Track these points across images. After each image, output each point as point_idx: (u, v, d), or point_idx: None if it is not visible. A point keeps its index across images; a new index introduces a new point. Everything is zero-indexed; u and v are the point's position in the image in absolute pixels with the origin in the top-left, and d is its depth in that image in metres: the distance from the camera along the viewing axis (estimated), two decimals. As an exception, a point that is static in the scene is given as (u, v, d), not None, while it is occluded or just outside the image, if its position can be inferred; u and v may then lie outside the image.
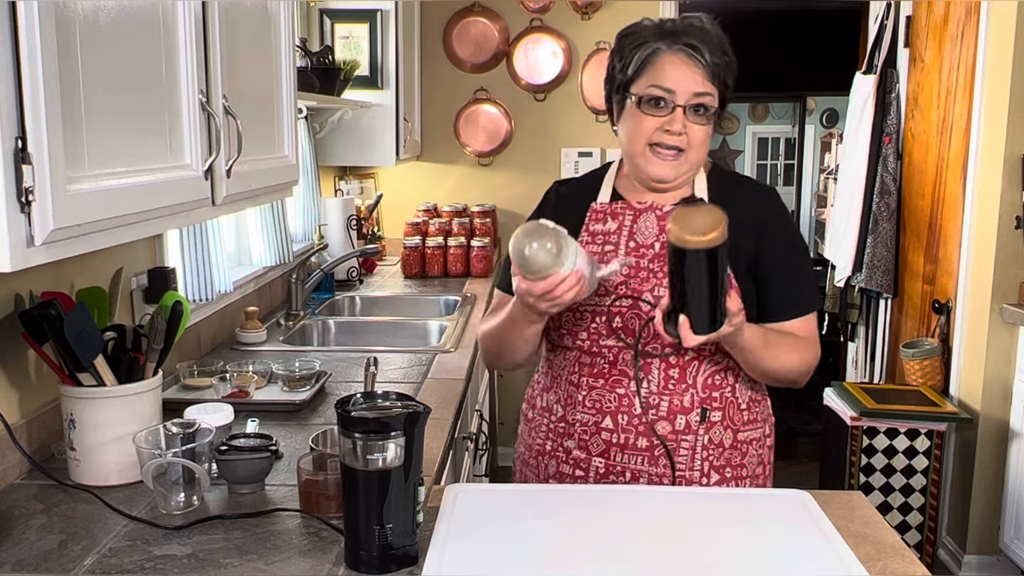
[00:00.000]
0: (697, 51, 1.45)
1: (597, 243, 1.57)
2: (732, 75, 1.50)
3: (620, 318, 1.51)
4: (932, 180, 3.64)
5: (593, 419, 1.54)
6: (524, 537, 1.25)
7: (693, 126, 1.47)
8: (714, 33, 1.48)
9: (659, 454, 1.50)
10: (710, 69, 1.45)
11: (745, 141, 9.90)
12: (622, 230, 1.56)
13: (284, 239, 2.84)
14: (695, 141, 1.48)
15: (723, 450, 1.53)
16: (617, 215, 1.57)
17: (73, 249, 1.06)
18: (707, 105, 1.46)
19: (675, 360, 1.51)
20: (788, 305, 1.53)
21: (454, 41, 4.12)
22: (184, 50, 1.32)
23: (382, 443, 1.13)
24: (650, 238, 1.53)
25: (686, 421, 1.50)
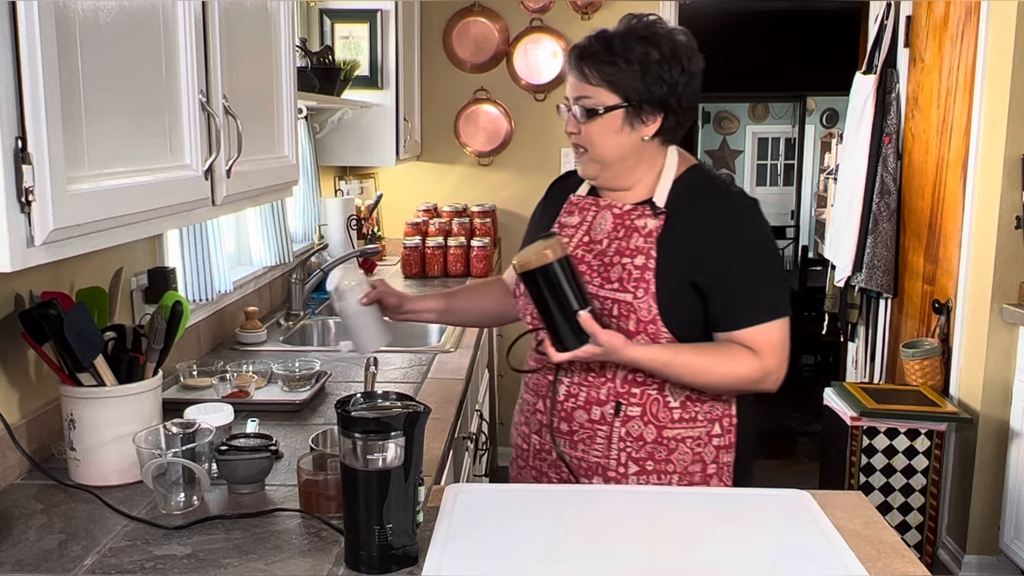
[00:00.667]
0: (569, 59, 1.57)
1: (566, 235, 1.65)
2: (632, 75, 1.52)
3: None
4: (932, 180, 3.64)
5: (532, 400, 1.69)
6: (524, 537, 1.25)
7: (583, 125, 1.56)
8: (610, 38, 1.54)
9: (578, 439, 1.59)
10: (580, 73, 1.54)
11: (745, 141, 9.91)
12: (582, 224, 1.64)
13: (284, 239, 2.84)
14: (589, 138, 1.57)
15: (644, 444, 1.57)
16: (583, 210, 1.66)
17: (73, 249, 1.06)
18: (587, 107, 1.54)
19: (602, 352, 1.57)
20: (735, 316, 1.53)
21: (454, 41, 4.12)
22: (184, 50, 1.32)
23: (382, 443, 1.13)
24: (601, 234, 1.61)
25: (601, 412, 1.58)
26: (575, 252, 1.61)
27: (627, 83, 1.52)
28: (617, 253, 1.57)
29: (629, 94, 1.53)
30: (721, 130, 9.89)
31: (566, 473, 1.62)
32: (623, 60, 1.51)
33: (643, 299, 1.52)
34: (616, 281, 1.54)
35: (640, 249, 1.55)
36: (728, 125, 9.88)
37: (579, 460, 1.60)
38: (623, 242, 1.57)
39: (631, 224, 1.58)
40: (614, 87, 1.53)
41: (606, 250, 1.58)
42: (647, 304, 1.52)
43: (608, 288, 1.55)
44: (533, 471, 1.69)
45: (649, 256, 1.53)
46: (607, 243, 1.59)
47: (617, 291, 1.54)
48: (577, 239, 1.63)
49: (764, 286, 1.54)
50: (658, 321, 1.51)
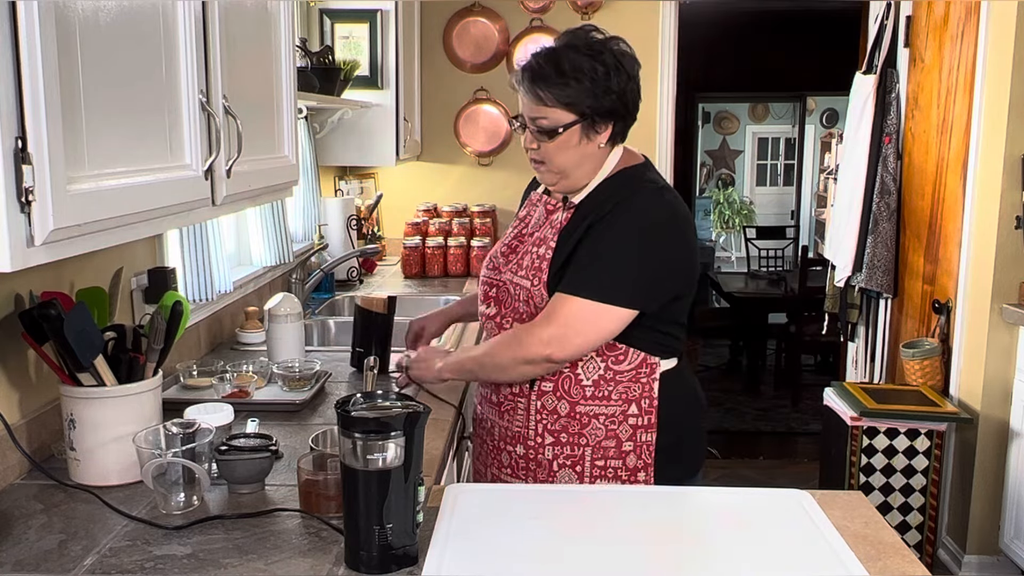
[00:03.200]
0: (520, 81, 1.64)
1: (514, 227, 1.82)
2: (583, 93, 1.60)
3: (495, 289, 1.75)
4: (932, 180, 3.64)
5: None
6: (524, 537, 1.25)
7: (541, 143, 1.65)
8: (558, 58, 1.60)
9: (504, 410, 1.73)
10: (534, 95, 1.62)
11: (745, 141, 9.91)
12: (528, 218, 1.80)
13: (284, 239, 2.84)
14: (548, 154, 1.65)
15: (558, 417, 1.68)
16: (532, 205, 1.81)
17: (73, 249, 1.06)
18: (544, 127, 1.63)
19: None
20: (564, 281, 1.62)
21: (454, 41, 4.12)
22: (184, 50, 1.32)
23: (382, 443, 1.13)
24: (534, 227, 1.76)
25: (520, 386, 1.70)
26: (510, 241, 1.78)
27: (580, 100, 1.60)
28: (533, 243, 1.71)
29: (583, 110, 1.61)
30: (721, 130, 9.89)
31: (496, 442, 1.76)
32: (574, 79, 1.59)
33: (537, 287, 1.66)
34: (524, 269, 1.69)
35: (546, 239, 1.69)
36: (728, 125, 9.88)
37: (504, 429, 1.73)
38: (539, 233, 1.72)
39: (549, 217, 1.73)
40: (568, 106, 1.61)
41: (529, 239, 1.74)
42: (539, 292, 1.65)
43: (519, 275, 1.70)
44: (478, 440, 1.85)
45: (549, 246, 1.67)
46: (533, 235, 1.74)
47: (523, 277, 1.69)
48: (517, 231, 1.79)
49: (599, 265, 1.60)
50: None
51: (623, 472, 1.67)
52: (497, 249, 1.82)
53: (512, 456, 1.72)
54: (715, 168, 9.93)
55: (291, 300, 2.20)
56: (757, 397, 5.78)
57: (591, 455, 1.67)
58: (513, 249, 1.77)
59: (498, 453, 1.75)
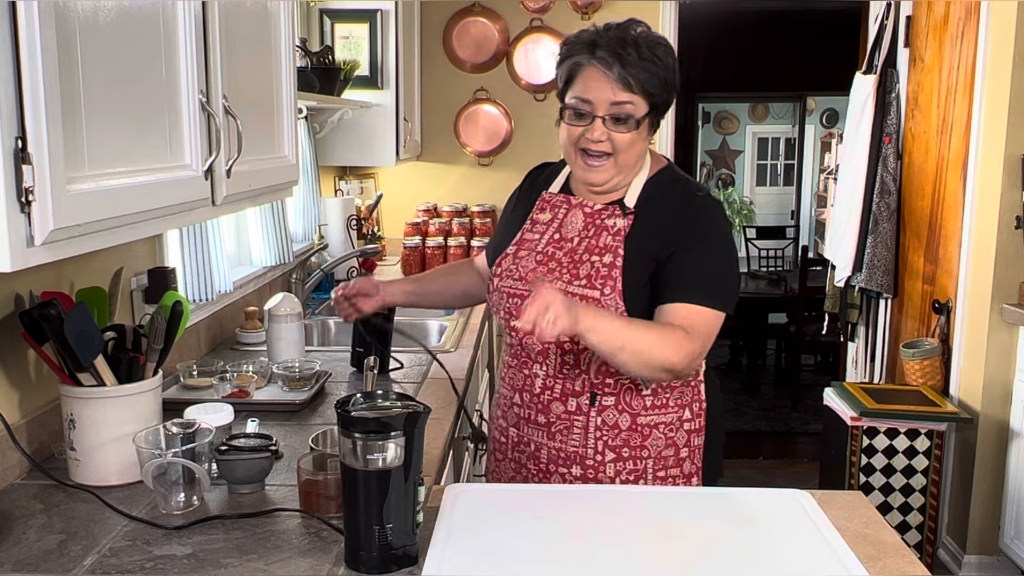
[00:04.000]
0: (607, 65, 1.52)
1: (534, 231, 1.69)
2: (660, 82, 1.54)
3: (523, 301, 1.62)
4: (932, 180, 3.64)
5: (508, 394, 1.71)
6: (524, 537, 1.25)
7: (615, 134, 1.55)
8: (638, 42, 1.52)
9: (556, 430, 1.63)
10: (623, 82, 1.52)
11: (745, 141, 9.90)
12: (554, 222, 1.68)
13: (284, 239, 2.84)
14: (620, 146, 1.56)
15: (619, 431, 1.60)
16: (556, 207, 1.69)
17: (73, 249, 1.06)
18: (626, 114, 1.54)
19: (570, 347, 1.60)
20: (673, 290, 1.54)
21: (454, 41, 4.12)
22: (184, 50, 1.32)
23: (382, 443, 1.13)
24: (572, 232, 1.64)
25: (577, 403, 1.61)
26: (545, 249, 1.65)
27: (656, 89, 1.54)
28: (586, 251, 1.60)
29: (656, 101, 1.55)
30: (721, 130, 9.89)
31: (544, 464, 1.65)
32: (654, 66, 1.53)
33: (610, 296, 1.56)
34: (584, 278, 1.58)
35: (608, 247, 1.58)
36: (728, 125, 9.87)
37: (557, 450, 1.63)
38: (592, 240, 1.61)
39: (601, 223, 1.62)
40: (648, 95, 1.54)
41: (576, 248, 1.62)
42: (614, 301, 1.55)
43: (576, 285, 1.58)
44: (512, 463, 1.72)
45: (616, 254, 1.57)
46: (577, 241, 1.62)
47: (585, 288, 1.57)
48: (548, 236, 1.66)
49: (714, 278, 1.57)
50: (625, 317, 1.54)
51: (680, 480, 1.64)
52: (513, 255, 1.69)
53: (567, 478, 1.63)
54: (715, 168, 9.92)
55: (291, 300, 2.20)
56: (757, 397, 5.78)
57: (652, 467, 1.62)
58: (551, 256, 1.64)
59: (546, 476, 1.65)
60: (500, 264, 1.71)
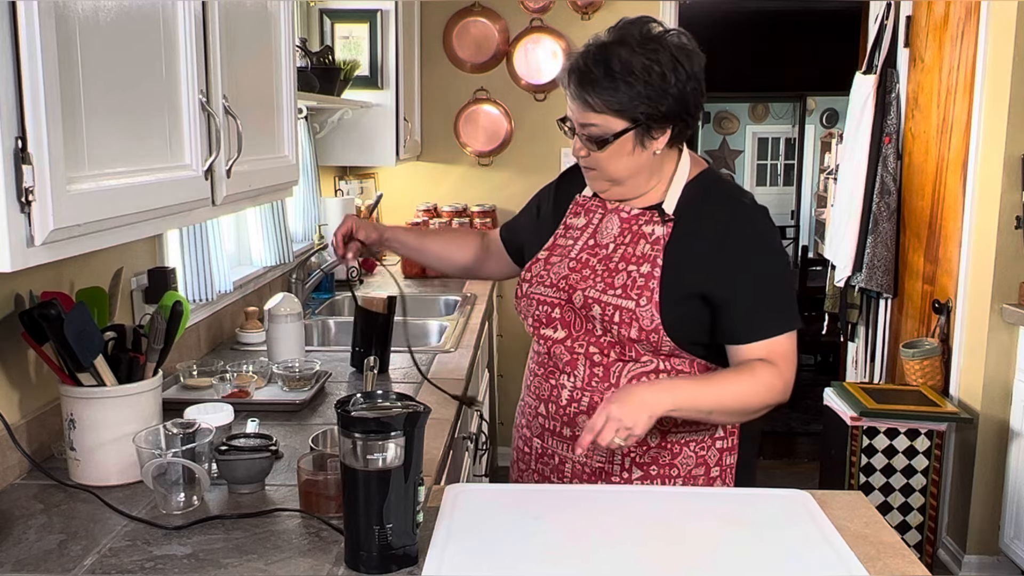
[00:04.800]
0: (566, 85, 1.50)
1: (567, 236, 1.64)
2: (637, 97, 1.44)
3: (560, 310, 1.58)
4: (932, 180, 3.64)
5: (534, 403, 1.66)
6: (524, 537, 1.25)
7: (592, 151, 1.51)
8: (608, 59, 1.45)
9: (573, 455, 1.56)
10: (583, 101, 1.47)
11: (745, 141, 9.90)
12: (588, 227, 1.62)
13: (284, 239, 2.84)
14: (599, 163, 1.52)
15: (648, 448, 1.56)
16: (590, 211, 1.64)
17: (73, 249, 1.06)
18: (594, 135, 1.49)
19: (599, 359, 1.54)
20: (747, 329, 1.49)
21: (454, 41, 4.12)
22: (184, 50, 1.32)
23: (382, 443, 1.13)
24: (608, 239, 1.58)
25: None
26: (578, 255, 1.59)
27: (633, 106, 1.45)
28: (622, 259, 1.54)
29: (636, 116, 1.46)
30: (721, 130, 9.89)
31: (568, 478, 1.61)
32: (625, 83, 1.44)
33: (646, 307, 1.49)
34: (620, 287, 1.51)
35: (646, 256, 1.52)
36: (728, 125, 9.87)
37: (582, 465, 1.59)
38: (629, 248, 1.54)
39: (638, 230, 1.55)
40: (621, 113, 1.46)
41: (611, 255, 1.56)
42: (650, 313, 1.49)
43: (611, 294, 1.52)
44: (535, 475, 1.68)
45: (655, 264, 1.50)
46: (612, 248, 1.56)
47: (620, 297, 1.51)
48: (582, 242, 1.61)
49: (779, 298, 1.52)
50: (660, 330, 1.49)
51: None
52: (545, 261, 1.63)
53: None
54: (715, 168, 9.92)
55: (291, 300, 2.20)
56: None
57: (682, 486, 1.57)
58: (585, 264, 1.57)
59: None
60: (530, 269, 1.65)
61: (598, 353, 1.54)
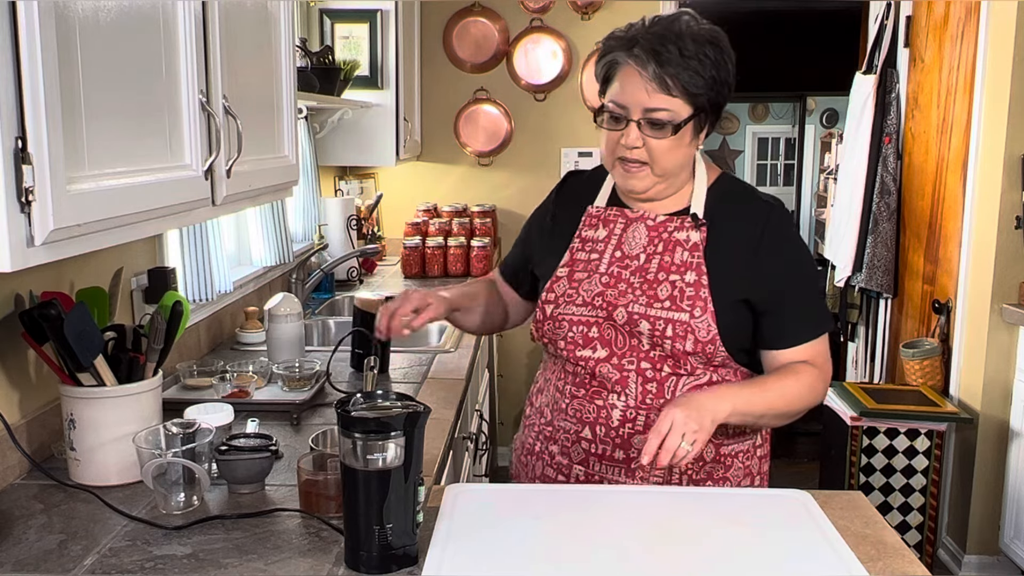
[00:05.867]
0: (642, 62, 1.40)
1: (586, 250, 1.55)
2: (706, 81, 1.41)
3: (597, 329, 1.50)
4: (932, 180, 3.64)
5: (574, 428, 1.53)
6: (524, 537, 1.25)
7: (651, 140, 1.42)
8: (681, 35, 1.40)
9: (636, 467, 1.49)
10: (658, 81, 1.39)
11: (745, 141, 9.90)
12: (611, 238, 1.54)
13: (284, 239, 2.84)
14: (656, 153, 1.43)
15: (704, 464, 1.52)
16: (609, 222, 1.56)
17: (73, 249, 1.06)
18: (663, 119, 1.41)
19: (652, 375, 1.48)
20: (788, 334, 1.49)
21: (454, 41, 4.12)
22: (184, 50, 1.32)
23: (382, 443, 1.13)
24: (636, 249, 1.51)
25: None
26: (609, 269, 1.51)
27: (702, 90, 1.41)
28: (661, 269, 1.48)
29: (702, 102, 1.43)
30: (721, 130, 9.87)
31: None
32: (701, 65, 1.39)
33: (701, 318, 1.43)
34: (666, 299, 1.45)
35: (687, 264, 1.46)
36: (728, 125, 9.87)
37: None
38: (665, 257, 1.48)
39: (670, 237, 1.49)
40: (694, 97, 1.41)
41: (646, 266, 1.49)
42: (706, 323, 1.43)
43: (658, 307, 1.45)
44: None
45: (700, 272, 1.45)
46: (645, 258, 1.50)
47: (670, 310, 1.45)
48: (608, 255, 1.53)
49: (814, 302, 1.52)
50: (716, 340, 1.44)
51: None
52: (568, 278, 1.54)
53: None
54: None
55: (291, 300, 2.20)
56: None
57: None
58: (619, 278, 1.49)
59: None
60: (551, 289, 1.55)
61: (650, 368, 1.48)
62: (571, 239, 1.57)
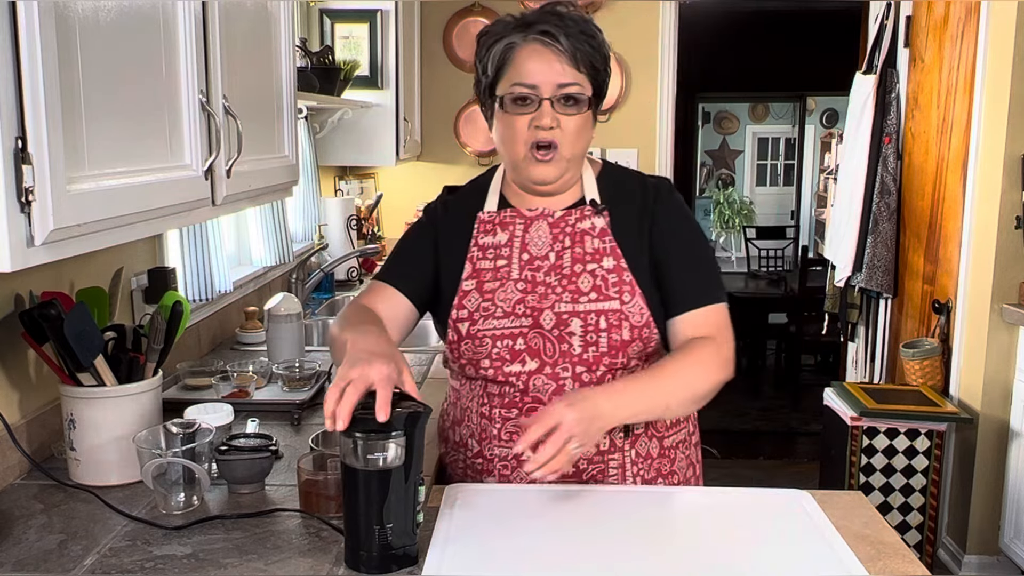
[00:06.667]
0: (552, 37, 1.36)
1: (488, 257, 1.46)
2: (602, 59, 1.41)
3: (523, 340, 1.42)
4: (932, 180, 3.64)
5: (512, 452, 1.40)
6: (524, 537, 1.25)
7: (564, 118, 1.38)
8: (573, 17, 1.39)
9: (588, 478, 1.44)
10: (569, 54, 1.36)
11: (745, 141, 9.90)
12: (514, 241, 1.47)
13: (284, 239, 2.84)
14: (568, 134, 1.39)
15: (651, 461, 1.48)
16: (507, 225, 1.48)
17: (73, 249, 1.06)
18: (575, 95, 1.38)
19: (588, 378, 1.41)
20: (691, 295, 1.43)
21: (454, 41, 4.12)
22: (184, 50, 1.32)
23: (383, 443, 1.13)
24: (544, 248, 1.45)
25: (610, 440, 1.43)
26: (522, 274, 1.44)
27: (600, 68, 1.41)
28: (576, 261, 1.43)
29: (599, 82, 1.42)
30: (721, 130, 9.88)
31: None
32: (596, 43, 1.39)
33: (631, 302, 1.40)
34: (591, 291, 1.41)
35: (602, 251, 1.43)
36: (728, 125, 9.87)
37: None
38: (576, 249, 1.44)
39: (574, 229, 1.45)
40: (593, 73, 1.40)
41: (559, 263, 1.44)
42: (638, 307, 1.41)
43: (585, 301, 1.40)
44: None
45: (617, 255, 1.42)
46: (555, 256, 1.44)
47: (599, 301, 1.40)
48: (516, 259, 1.45)
49: (709, 268, 1.48)
50: (651, 323, 1.42)
51: None
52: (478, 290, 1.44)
53: None
54: (715, 168, 9.92)
55: (291, 300, 2.20)
56: (757, 397, 5.78)
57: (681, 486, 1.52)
58: (535, 282, 1.43)
59: None
60: (462, 306, 1.44)
61: (586, 371, 1.41)
62: (466, 249, 1.48)
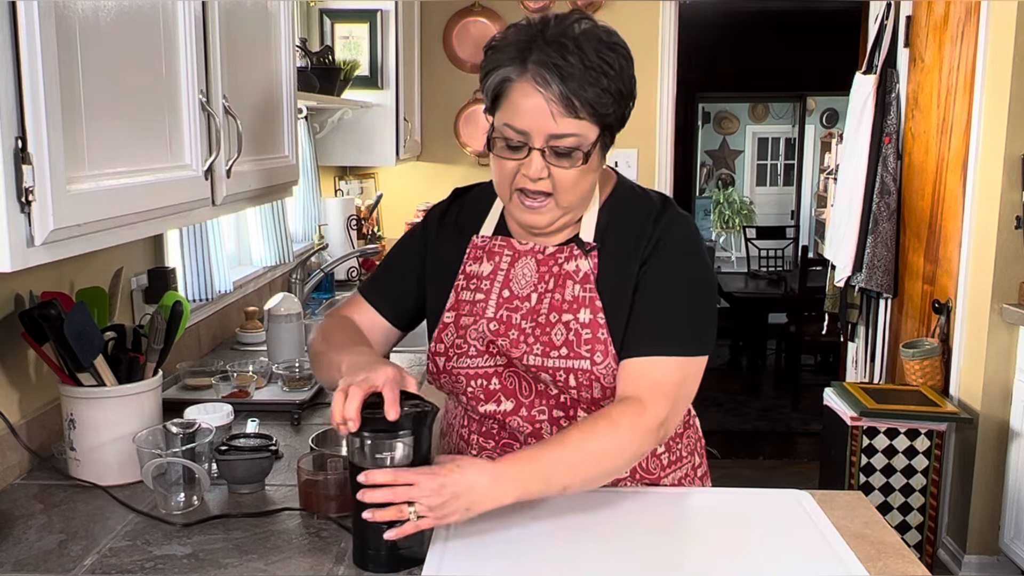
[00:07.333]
0: (544, 81, 1.18)
1: (470, 288, 1.35)
2: (612, 99, 1.20)
3: (498, 379, 1.33)
4: (932, 180, 3.64)
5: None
6: (524, 537, 1.24)
7: (557, 170, 1.22)
8: (583, 45, 1.19)
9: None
10: (564, 103, 1.17)
11: (745, 141, 9.90)
12: (496, 274, 1.34)
13: (284, 239, 2.84)
14: (562, 184, 1.23)
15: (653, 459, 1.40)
16: (495, 254, 1.35)
17: (73, 249, 1.06)
18: (569, 148, 1.20)
19: (567, 421, 1.33)
20: (642, 341, 1.25)
21: (454, 41, 4.12)
22: (184, 50, 1.32)
23: (391, 442, 1.13)
24: (526, 288, 1.31)
25: None
26: (497, 314, 1.31)
27: (610, 110, 1.21)
28: (552, 310, 1.29)
29: (609, 120, 1.22)
30: (721, 130, 9.88)
31: None
32: (606, 78, 1.18)
33: (603, 363, 1.26)
34: (562, 346, 1.27)
35: (580, 301, 1.27)
36: (728, 125, 9.87)
37: None
38: (555, 294, 1.29)
39: (560, 270, 1.30)
40: (597, 116, 1.20)
41: (537, 308, 1.30)
42: (609, 369, 1.26)
43: (555, 356, 1.27)
44: None
45: (595, 308, 1.27)
46: (536, 298, 1.30)
47: (569, 358, 1.26)
48: (496, 295, 1.33)
49: (683, 319, 1.27)
50: None
51: None
52: (455, 325, 1.34)
53: None
54: (715, 168, 9.92)
55: (291, 300, 2.20)
56: (757, 397, 5.78)
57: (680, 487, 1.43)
58: (508, 323, 1.30)
59: None
60: (440, 339, 1.35)
61: (564, 416, 1.32)
62: (456, 275, 1.37)
